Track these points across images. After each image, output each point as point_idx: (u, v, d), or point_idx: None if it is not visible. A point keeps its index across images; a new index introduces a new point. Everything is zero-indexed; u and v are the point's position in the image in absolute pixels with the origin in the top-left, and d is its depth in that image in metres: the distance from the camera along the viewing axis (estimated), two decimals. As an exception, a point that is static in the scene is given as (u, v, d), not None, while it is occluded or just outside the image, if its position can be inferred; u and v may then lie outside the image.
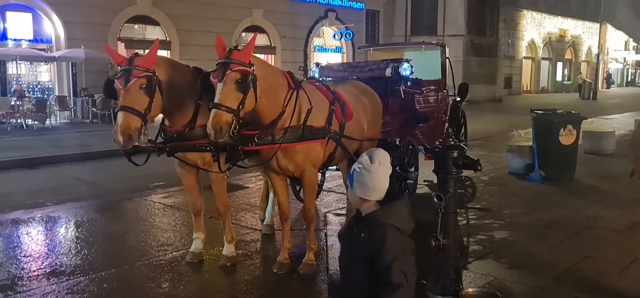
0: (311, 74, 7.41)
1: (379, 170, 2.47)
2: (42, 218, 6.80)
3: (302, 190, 7.26)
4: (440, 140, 7.91)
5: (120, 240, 5.95)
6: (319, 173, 5.74)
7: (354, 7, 28.44)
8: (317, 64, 7.64)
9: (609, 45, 51.04)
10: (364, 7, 29.00)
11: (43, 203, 7.78)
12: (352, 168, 2.49)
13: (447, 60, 8.60)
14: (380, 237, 2.38)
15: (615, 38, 53.33)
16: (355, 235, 2.46)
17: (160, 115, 4.80)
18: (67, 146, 13.05)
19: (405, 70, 6.99)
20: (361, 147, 5.46)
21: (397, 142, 6.54)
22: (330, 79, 6.12)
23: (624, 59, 58.18)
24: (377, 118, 5.77)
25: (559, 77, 45.00)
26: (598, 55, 38.22)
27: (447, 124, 8.35)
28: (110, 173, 10.21)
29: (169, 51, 20.98)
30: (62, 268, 5.04)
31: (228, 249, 5.15)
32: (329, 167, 5.87)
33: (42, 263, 5.20)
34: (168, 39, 21.77)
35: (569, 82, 45.20)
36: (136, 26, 21.60)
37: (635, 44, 61.03)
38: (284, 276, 4.83)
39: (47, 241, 6.01)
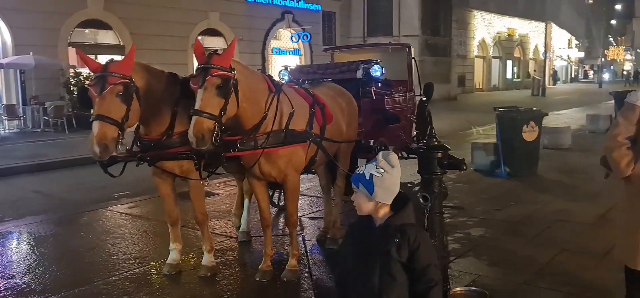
0: (281, 77, 7.30)
1: (397, 172, 2.45)
2: (2, 235, 6.43)
3: (274, 195, 7.22)
4: (409, 140, 8.06)
5: (89, 254, 5.69)
6: None
7: (311, 9, 28.48)
8: (286, 67, 7.54)
9: (554, 44, 53.08)
10: (321, 9, 29.08)
11: (1, 219, 7.37)
12: (369, 174, 2.43)
13: (413, 60, 8.67)
14: (415, 239, 2.38)
15: (560, 36, 55.53)
16: (383, 243, 2.40)
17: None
18: (20, 157, 12.43)
19: (375, 71, 6.98)
20: (339, 149, 5.43)
21: (371, 143, 6.53)
22: (307, 81, 6.03)
23: (568, 56, 60.65)
24: (353, 120, 5.74)
25: (508, 75, 46.43)
26: (545, 53, 39.63)
27: (415, 125, 8.42)
28: (69, 184, 9.79)
29: (122, 56, 20.41)
30: (31, 288, 4.76)
31: (207, 259, 5.00)
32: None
33: (8, 283, 4.90)
34: (121, 43, 21.19)
35: (518, 80, 46.70)
36: (87, 31, 20.95)
37: (577, 42, 63.71)
38: (268, 284, 4.72)
39: (11, 259, 5.66)
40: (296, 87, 4.95)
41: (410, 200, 2.50)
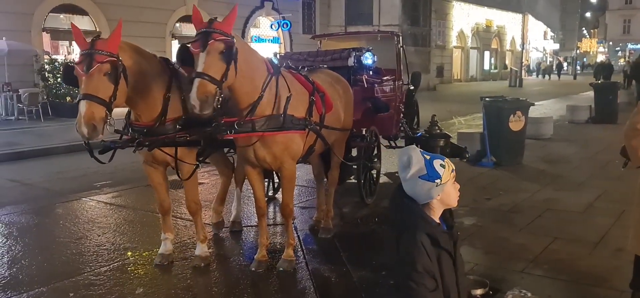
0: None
1: None
2: (-18, 225, 6.20)
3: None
4: (398, 130, 8.02)
5: (76, 244, 5.51)
6: None
7: (290, -3, 28.24)
8: (276, 54, 7.43)
9: (530, 35, 53.72)
10: (300, -3, 28.87)
11: (-21, 209, 7.11)
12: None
13: (401, 49, 8.62)
14: (457, 233, 2.50)
15: (536, 28, 56.21)
16: (455, 243, 2.47)
17: (125, 109, 4.48)
18: (-6, 145, 12.06)
19: (367, 59, 6.92)
20: (335, 138, 5.35)
21: (364, 132, 6.48)
22: (307, 68, 5.91)
23: (544, 48, 61.50)
24: (349, 108, 5.67)
25: (486, 66, 46.84)
26: (523, 44, 40.04)
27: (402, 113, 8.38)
28: (48, 173, 9.51)
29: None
30: (18, 279, 4.60)
31: (201, 249, 4.90)
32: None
33: (-7, 274, 4.73)
34: (98, 30, 20.60)
35: (495, 71, 47.16)
36: (62, 16, 20.33)
37: (552, 34, 64.62)
38: (264, 274, 4.64)
39: (-7, 249, 5.47)
40: (295, 73, 4.83)
41: None
